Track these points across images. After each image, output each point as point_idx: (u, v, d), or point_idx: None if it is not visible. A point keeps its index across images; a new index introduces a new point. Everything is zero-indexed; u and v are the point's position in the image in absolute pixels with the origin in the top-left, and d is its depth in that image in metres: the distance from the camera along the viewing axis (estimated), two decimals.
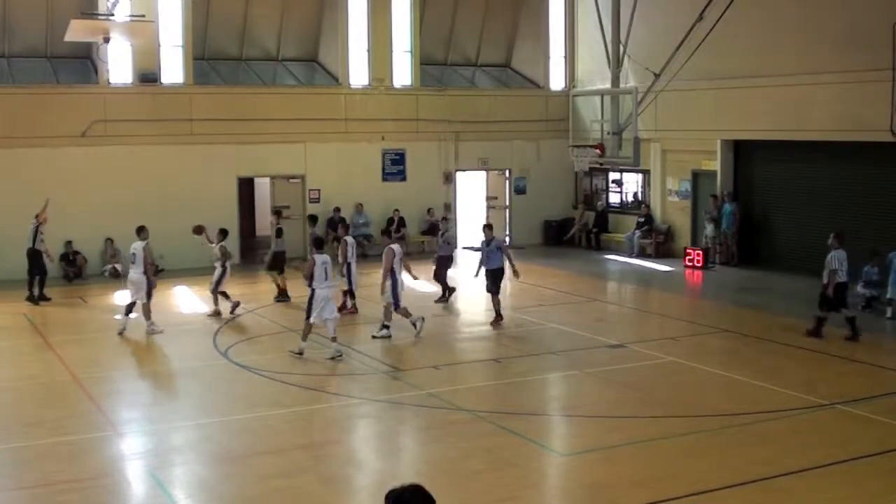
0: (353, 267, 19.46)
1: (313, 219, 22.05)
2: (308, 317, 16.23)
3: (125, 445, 12.23)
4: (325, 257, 16.39)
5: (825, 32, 22.60)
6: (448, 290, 21.17)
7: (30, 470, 11.29)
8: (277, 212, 22.35)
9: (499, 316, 18.83)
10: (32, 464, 11.46)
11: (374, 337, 17.57)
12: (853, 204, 22.78)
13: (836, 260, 17.01)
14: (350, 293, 19.77)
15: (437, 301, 20.91)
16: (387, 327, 17.65)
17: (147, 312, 18.33)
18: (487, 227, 19.74)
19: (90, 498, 10.48)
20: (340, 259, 19.53)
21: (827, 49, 22.49)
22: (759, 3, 23.71)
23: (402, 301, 17.67)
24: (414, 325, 17.68)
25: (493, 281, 18.99)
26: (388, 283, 17.47)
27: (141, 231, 18.65)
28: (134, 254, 18.30)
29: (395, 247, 17.77)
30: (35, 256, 21.53)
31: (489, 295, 19.10)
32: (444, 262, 21.35)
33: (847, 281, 17.27)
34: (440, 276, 21.16)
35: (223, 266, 19.85)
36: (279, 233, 21.65)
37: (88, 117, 24.82)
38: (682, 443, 11.95)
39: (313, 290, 16.15)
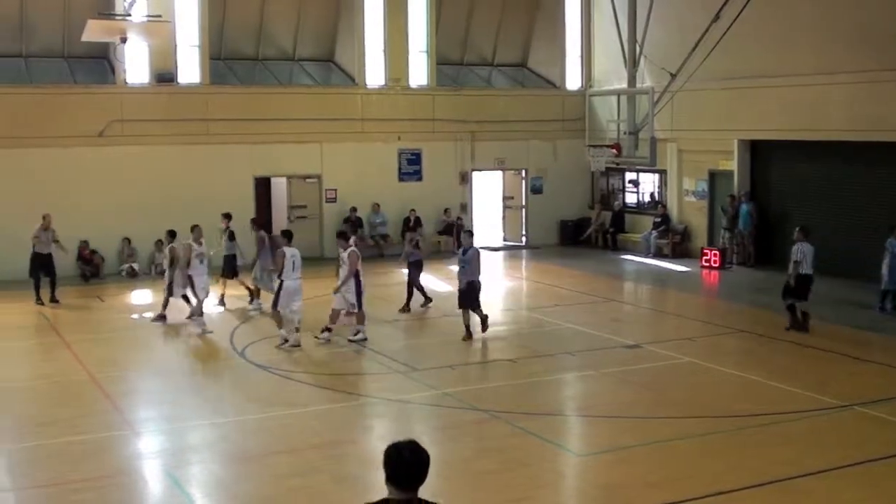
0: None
1: (255, 222, 21.61)
2: (275, 306, 16.90)
3: (142, 444, 12.28)
4: (294, 250, 17.01)
5: (840, 32, 22.50)
6: (410, 298, 20.16)
7: (45, 468, 11.33)
8: (227, 215, 21.55)
9: (468, 332, 17.45)
10: (47, 462, 11.51)
11: (315, 337, 17.22)
12: (871, 204, 22.66)
13: (800, 252, 17.68)
14: None
15: (421, 305, 20.23)
16: (329, 330, 17.26)
17: (164, 304, 19.04)
18: (467, 234, 18.08)
19: (106, 496, 10.53)
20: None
21: (842, 48, 22.38)
22: (774, 2, 23.58)
23: (363, 305, 17.36)
24: (328, 330, 17.20)
25: (463, 295, 17.57)
26: (351, 284, 17.16)
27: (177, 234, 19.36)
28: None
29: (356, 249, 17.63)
30: (36, 260, 21.25)
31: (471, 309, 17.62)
32: (416, 267, 20.33)
33: (812, 273, 17.78)
34: (416, 283, 20.29)
35: (171, 268, 19.21)
36: (231, 236, 21.00)
37: (105, 117, 24.91)
38: (697, 443, 11.93)
39: (281, 282, 16.72)
